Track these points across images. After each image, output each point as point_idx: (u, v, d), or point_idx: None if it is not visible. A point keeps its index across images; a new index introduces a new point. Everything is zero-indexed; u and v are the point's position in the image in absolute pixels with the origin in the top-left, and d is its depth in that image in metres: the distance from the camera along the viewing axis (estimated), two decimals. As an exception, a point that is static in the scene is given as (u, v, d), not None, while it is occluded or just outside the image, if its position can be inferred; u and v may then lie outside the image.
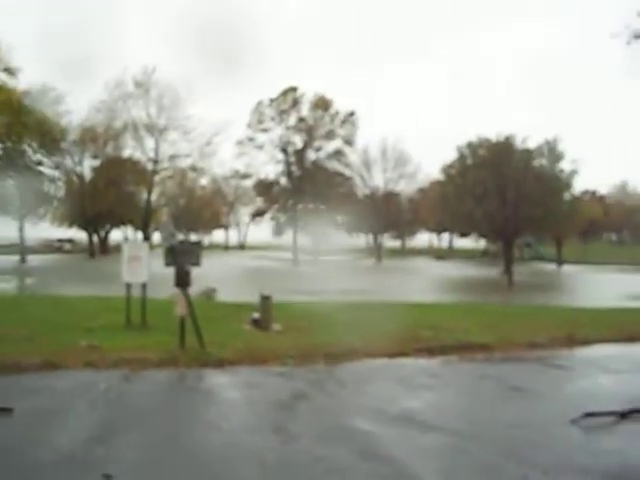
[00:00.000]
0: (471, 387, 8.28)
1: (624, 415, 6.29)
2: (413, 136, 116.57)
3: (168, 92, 58.12)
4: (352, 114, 64.87)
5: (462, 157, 44.61)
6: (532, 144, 40.97)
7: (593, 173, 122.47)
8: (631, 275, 33.15)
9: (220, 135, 59.69)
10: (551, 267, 45.61)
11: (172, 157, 60.99)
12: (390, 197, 69.50)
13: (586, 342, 11.00)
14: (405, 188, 71.80)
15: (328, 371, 8.57)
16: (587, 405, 6.48)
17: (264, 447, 5.46)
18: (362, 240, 79.77)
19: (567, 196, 41.24)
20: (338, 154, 66.25)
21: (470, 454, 5.44)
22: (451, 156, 46.55)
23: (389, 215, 68.62)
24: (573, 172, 40.81)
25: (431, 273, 38.49)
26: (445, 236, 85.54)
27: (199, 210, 77.28)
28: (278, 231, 72.11)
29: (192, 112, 58.60)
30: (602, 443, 5.69)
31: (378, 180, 68.95)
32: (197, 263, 9.73)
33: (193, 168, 62.24)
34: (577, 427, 6.05)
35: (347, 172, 67.47)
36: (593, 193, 77.82)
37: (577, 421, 6.11)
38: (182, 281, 9.35)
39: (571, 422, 6.12)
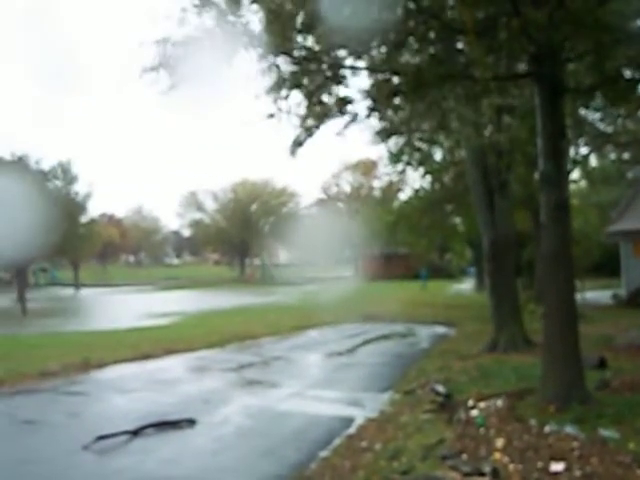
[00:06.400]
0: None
1: (136, 433, 6.66)
2: None
3: None
4: None
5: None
6: (46, 165, 39.43)
7: (110, 196, 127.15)
8: (148, 294, 35.44)
9: None
10: (69, 291, 44.83)
11: None
12: None
13: (102, 365, 11.25)
14: None
15: None
16: (102, 428, 6.64)
17: None
18: None
19: (84, 219, 41.29)
20: None
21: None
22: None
23: None
24: (88, 195, 41.21)
25: None
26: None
27: None
28: None
29: None
30: (114, 463, 5.92)
31: None
32: None
33: None
34: (90, 452, 6.10)
35: None
36: (111, 216, 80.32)
37: (89, 446, 6.16)
38: None
39: (83, 448, 6.13)
